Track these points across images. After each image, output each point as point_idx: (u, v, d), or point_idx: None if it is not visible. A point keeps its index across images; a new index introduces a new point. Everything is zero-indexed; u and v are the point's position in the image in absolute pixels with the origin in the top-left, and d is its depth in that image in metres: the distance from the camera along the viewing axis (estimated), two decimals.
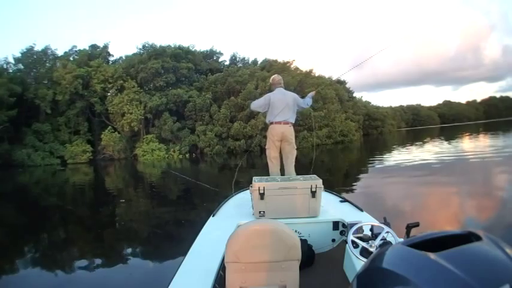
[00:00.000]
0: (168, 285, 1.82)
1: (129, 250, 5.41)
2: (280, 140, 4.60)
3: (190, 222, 6.68)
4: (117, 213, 8.76)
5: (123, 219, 7.94)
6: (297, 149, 4.88)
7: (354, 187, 9.75)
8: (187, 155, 32.48)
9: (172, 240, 5.73)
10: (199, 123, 33.57)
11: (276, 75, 5.07)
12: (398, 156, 18.05)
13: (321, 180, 2.83)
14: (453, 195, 7.77)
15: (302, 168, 5.19)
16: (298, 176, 3.31)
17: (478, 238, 0.81)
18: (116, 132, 34.12)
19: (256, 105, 4.81)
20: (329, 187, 3.67)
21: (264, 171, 4.76)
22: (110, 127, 34.40)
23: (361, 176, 12.62)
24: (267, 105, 4.65)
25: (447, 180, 9.71)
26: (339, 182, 11.02)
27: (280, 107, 4.55)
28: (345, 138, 37.21)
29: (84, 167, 28.67)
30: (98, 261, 4.97)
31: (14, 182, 20.47)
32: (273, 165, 4.63)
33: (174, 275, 1.93)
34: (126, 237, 6.30)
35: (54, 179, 21.30)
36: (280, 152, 4.76)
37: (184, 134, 33.30)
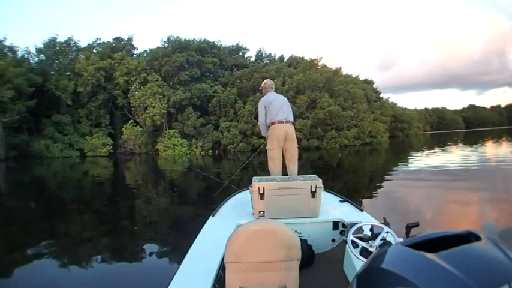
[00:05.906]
0: (168, 285, 1.74)
1: (136, 249, 5.21)
2: (284, 139, 4.50)
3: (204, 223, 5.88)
4: (131, 210, 8.35)
5: (136, 216, 7.66)
6: (322, 149, 3.84)
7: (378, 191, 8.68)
8: (209, 152, 31.41)
9: (184, 240, 4.99)
10: (224, 119, 32.38)
11: (267, 79, 5.04)
12: (430, 160, 16.63)
13: (320, 180, 2.79)
14: (474, 201, 7.37)
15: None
16: (298, 176, 3.31)
17: (477, 238, 0.81)
18: (138, 126, 33.20)
19: (261, 119, 4.64)
20: (355, 191, 3.50)
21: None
22: (131, 120, 33.54)
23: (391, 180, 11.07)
24: (267, 109, 4.59)
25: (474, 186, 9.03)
26: (365, 185, 10.04)
27: (278, 105, 4.52)
28: (373, 139, 35.68)
29: (104, 160, 27.95)
30: (100, 257, 4.74)
31: (30, 173, 19.75)
32: (276, 165, 4.51)
33: (174, 275, 1.85)
34: (135, 236, 6.04)
35: (72, 172, 20.46)
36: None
37: (207, 130, 32.14)
